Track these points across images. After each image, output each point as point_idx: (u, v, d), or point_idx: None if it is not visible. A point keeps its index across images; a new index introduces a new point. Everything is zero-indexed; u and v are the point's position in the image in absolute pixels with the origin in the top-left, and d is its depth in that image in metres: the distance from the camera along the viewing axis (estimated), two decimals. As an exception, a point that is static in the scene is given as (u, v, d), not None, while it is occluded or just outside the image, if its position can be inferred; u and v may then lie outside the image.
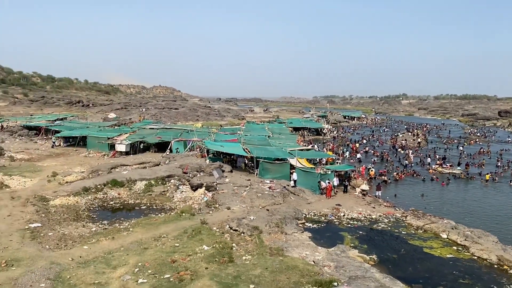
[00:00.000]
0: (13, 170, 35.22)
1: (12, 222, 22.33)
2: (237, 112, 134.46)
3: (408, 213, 27.88)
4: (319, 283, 15.96)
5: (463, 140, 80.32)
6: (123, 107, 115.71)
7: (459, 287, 17.41)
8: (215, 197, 28.90)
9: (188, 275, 16.11)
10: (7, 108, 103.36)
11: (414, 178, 43.23)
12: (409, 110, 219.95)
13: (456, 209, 32.19)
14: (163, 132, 55.93)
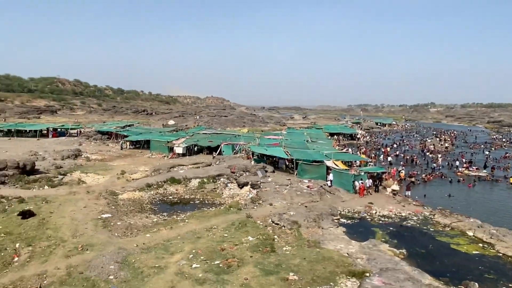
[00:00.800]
0: (89, 168, 36.86)
1: (87, 212, 23.31)
2: (279, 119, 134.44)
3: (436, 212, 26.84)
4: (353, 273, 15.71)
5: (489, 145, 76.61)
6: (181, 115, 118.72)
7: (485, 281, 16.52)
8: (259, 194, 28.99)
9: (235, 262, 16.26)
10: (84, 116, 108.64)
11: (442, 180, 41.57)
12: (437, 117, 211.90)
13: (481, 209, 30.69)
14: (214, 137, 56.76)
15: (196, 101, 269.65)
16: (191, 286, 14.15)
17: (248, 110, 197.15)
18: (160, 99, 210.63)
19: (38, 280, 14.42)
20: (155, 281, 14.50)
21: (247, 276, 15.07)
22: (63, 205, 24.35)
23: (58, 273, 15.17)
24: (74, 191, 28.20)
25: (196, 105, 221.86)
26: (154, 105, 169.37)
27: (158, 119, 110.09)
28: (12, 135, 62.03)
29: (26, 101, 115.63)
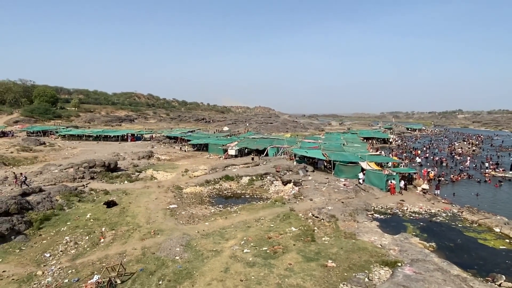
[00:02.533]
0: (159, 167, 38.33)
1: (158, 203, 24.24)
2: (318, 125, 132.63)
3: (464, 209, 25.19)
4: (386, 263, 15.16)
5: (516, 148, 70.82)
6: (233, 122, 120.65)
7: (511, 274, 15.30)
8: (301, 190, 28.69)
9: (280, 249, 16.23)
10: (155, 124, 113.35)
11: (470, 180, 38.94)
12: (464, 123, 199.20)
13: (508, 207, 28.38)
14: (261, 141, 56.97)
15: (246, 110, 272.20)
16: (242, 268, 14.28)
17: (290, 117, 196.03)
18: (216, 109, 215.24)
19: (119, 258, 15.21)
20: (213, 262, 14.79)
21: (291, 261, 14.98)
22: (139, 197, 25.53)
23: (135, 253, 15.92)
24: (147, 185, 29.47)
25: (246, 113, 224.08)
26: (211, 114, 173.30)
27: (215, 126, 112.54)
28: (99, 139, 66.04)
29: (110, 112, 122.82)
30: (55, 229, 18.86)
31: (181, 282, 13.17)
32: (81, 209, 22.33)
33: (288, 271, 14.02)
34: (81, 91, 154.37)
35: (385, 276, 14.01)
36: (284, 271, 14.06)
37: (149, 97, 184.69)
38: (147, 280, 13.41)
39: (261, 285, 12.87)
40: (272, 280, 13.27)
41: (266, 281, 13.15)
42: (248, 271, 13.95)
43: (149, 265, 14.67)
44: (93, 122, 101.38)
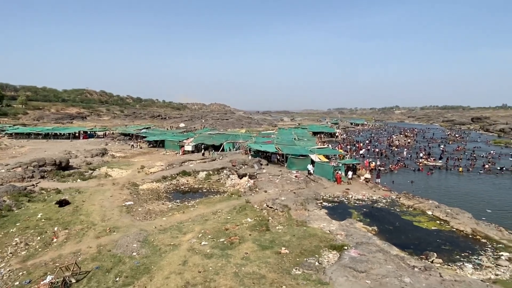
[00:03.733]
0: (114, 164, 36.66)
1: (113, 201, 23.22)
2: (271, 121, 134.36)
3: (401, 195, 26.94)
4: (334, 247, 15.78)
5: (444, 140, 76.99)
6: (189, 119, 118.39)
7: (442, 252, 16.65)
8: (256, 183, 28.96)
9: (237, 239, 16.28)
10: (109, 121, 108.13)
11: (406, 169, 41.75)
12: (401, 118, 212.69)
13: (438, 192, 30.87)
14: (217, 137, 56.60)
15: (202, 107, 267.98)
16: (200, 260, 14.15)
17: (245, 114, 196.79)
18: (172, 106, 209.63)
19: (74, 257, 14.37)
20: (171, 256, 14.49)
21: (247, 250, 15.09)
22: (93, 195, 24.26)
23: (90, 251, 15.14)
24: (102, 183, 28.08)
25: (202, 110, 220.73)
26: (167, 111, 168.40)
27: (171, 123, 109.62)
28: (49, 138, 61.61)
29: (61, 109, 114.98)
30: (4, 231, 17.37)
31: (139, 277, 12.76)
32: (31, 209, 20.75)
33: (245, 260, 14.13)
34: (28, 87, 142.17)
35: (333, 259, 14.61)
36: (240, 260, 14.14)
37: (101, 94, 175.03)
38: (104, 277, 12.82)
39: (219, 275, 12.85)
40: (229, 269, 13.30)
41: (223, 271, 13.14)
42: (206, 263, 13.85)
43: (105, 262, 14.02)
44: (42, 120, 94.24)
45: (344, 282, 12.48)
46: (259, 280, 12.46)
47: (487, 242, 18.08)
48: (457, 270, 14.73)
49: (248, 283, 12.23)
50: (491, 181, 36.02)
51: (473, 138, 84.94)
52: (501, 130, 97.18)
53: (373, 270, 13.44)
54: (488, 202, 27.86)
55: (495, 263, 15.44)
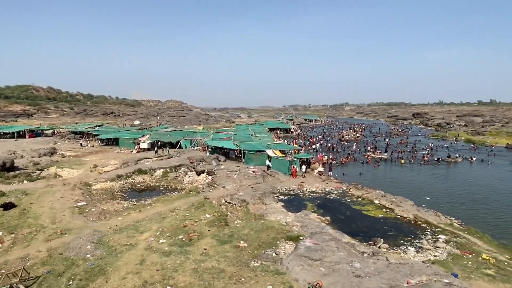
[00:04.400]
0: (64, 164, 34.43)
1: (64, 202, 21.85)
2: (229, 118, 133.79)
3: (351, 186, 28.21)
4: (290, 238, 16.14)
5: (389, 134, 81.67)
6: (145, 116, 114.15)
7: (388, 237, 17.71)
8: (214, 179, 28.77)
9: (195, 236, 16.08)
10: (58, 118, 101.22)
11: (355, 162, 43.77)
12: (350, 114, 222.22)
13: (384, 182, 32.75)
14: (174, 134, 55.33)
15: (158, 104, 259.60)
16: (158, 258, 13.80)
17: (202, 110, 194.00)
18: (126, 103, 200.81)
19: (22, 262, 13.32)
20: (128, 256, 13.97)
21: (206, 246, 14.97)
22: (41, 197, 22.61)
23: (40, 255, 14.12)
24: (51, 184, 26.26)
25: (158, 107, 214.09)
26: (121, 108, 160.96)
27: (125, 120, 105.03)
28: (-10, 137, 56.32)
29: (3, 107, 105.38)
30: None
31: (94, 279, 12.16)
32: (-31, 215, 18.87)
33: (204, 256, 14.01)
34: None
35: (289, 250, 14.97)
36: (200, 256, 14.00)
37: (49, 90, 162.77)
38: (55, 282, 12.05)
39: (178, 272, 12.63)
40: (189, 266, 13.13)
41: (182, 268, 12.94)
42: (164, 261, 13.53)
43: (56, 266, 13.17)
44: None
45: (300, 270, 12.85)
46: (218, 274, 12.44)
47: (427, 226, 19.56)
48: (401, 253, 15.77)
49: (207, 278, 12.16)
50: (430, 171, 38.95)
51: (414, 132, 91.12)
52: (438, 124, 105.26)
53: (327, 258, 13.99)
54: (427, 190, 30.12)
55: (434, 246, 16.75)
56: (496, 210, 24.82)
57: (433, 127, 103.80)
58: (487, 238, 18.42)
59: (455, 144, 63.05)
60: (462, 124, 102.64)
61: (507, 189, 30.89)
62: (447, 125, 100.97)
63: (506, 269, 14.19)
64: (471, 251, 15.94)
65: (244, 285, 11.82)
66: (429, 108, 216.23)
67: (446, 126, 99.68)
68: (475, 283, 12.58)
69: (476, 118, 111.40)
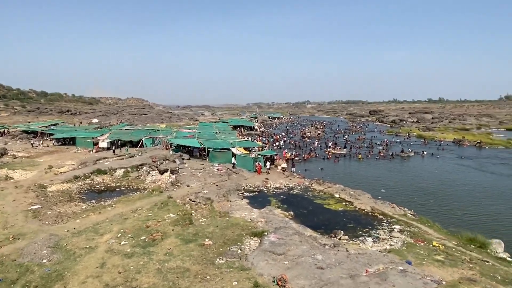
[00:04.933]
0: (16, 165, 32.08)
1: (16, 205, 20.42)
2: (192, 116, 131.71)
3: (313, 182, 28.91)
4: (255, 234, 16.25)
5: (348, 131, 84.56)
6: (104, 114, 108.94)
7: (347, 229, 18.36)
8: (178, 178, 28.20)
9: (159, 236, 15.70)
10: (9, 117, 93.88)
11: (317, 158, 44.90)
12: (312, 111, 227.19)
13: (343, 177, 33.91)
14: (135, 132, 53.50)
15: (117, 101, 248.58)
16: (120, 260, 13.33)
17: (165, 108, 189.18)
18: (83, 100, 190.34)
19: (-34, 273, 12.28)
20: (87, 260, 13.35)
21: (170, 246, 14.69)
22: (-11, 201, 20.94)
23: (-12, 264, 13.09)
24: (1, 187, 24.39)
25: (118, 105, 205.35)
26: (78, 106, 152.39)
27: (82, 118, 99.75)
28: None
29: None
30: None
31: (51, 285, 11.49)
32: None
33: (168, 256, 13.73)
34: None
35: (254, 245, 15.08)
36: (163, 256, 13.71)
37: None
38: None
39: (141, 273, 12.28)
40: (152, 266, 12.80)
41: (146, 269, 12.60)
42: (126, 263, 13.09)
43: (9, 274, 12.28)
44: None
45: (264, 265, 13.00)
46: (183, 274, 12.26)
47: (383, 217, 20.55)
48: (360, 244, 16.44)
49: (171, 278, 11.94)
50: (385, 166, 40.93)
51: (371, 128, 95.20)
52: (393, 121, 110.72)
53: (290, 251, 14.27)
54: (383, 183, 31.64)
55: (390, 235, 17.65)
56: (444, 200, 26.63)
57: (388, 124, 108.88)
58: (437, 226, 19.75)
59: (408, 140, 66.70)
60: (414, 120, 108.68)
61: (454, 180, 33.23)
62: (401, 122, 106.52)
63: (454, 254, 15.30)
64: (423, 239, 16.99)
65: (209, 283, 11.75)
66: (384, 105, 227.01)
67: (399, 123, 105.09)
68: (427, 268, 13.42)
69: (427, 115, 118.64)
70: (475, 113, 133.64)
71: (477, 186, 31.05)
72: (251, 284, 11.55)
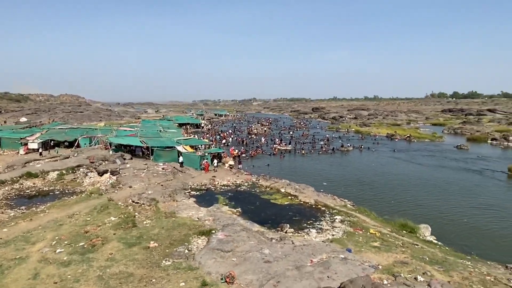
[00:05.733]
0: None
1: None
2: (134, 113, 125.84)
3: (260, 178, 29.39)
4: (202, 233, 16.07)
5: (292, 128, 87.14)
6: (34, 112, 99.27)
7: (293, 222, 18.95)
8: (119, 179, 26.76)
9: (99, 241, 14.79)
10: None
11: (264, 155, 45.65)
12: (258, 109, 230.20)
13: (289, 172, 34.95)
14: (70, 131, 49.60)
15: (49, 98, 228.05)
16: (56, 269, 12.31)
17: (104, 106, 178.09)
18: (9, 97, 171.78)
19: None
20: (17, 271, 12.11)
21: (112, 251, 13.91)
22: None
23: None
24: None
25: (49, 102, 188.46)
26: (2, 104, 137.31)
27: (9, 117, 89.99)
28: None
29: None
30: None
31: (-29, 305, 10.26)
32: None
33: (110, 261, 12.99)
34: None
35: (202, 244, 14.90)
36: (105, 262, 12.94)
37: None
38: None
39: (80, 282, 11.46)
40: (92, 274, 12.02)
41: (85, 277, 11.79)
42: (63, 272, 12.13)
43: None
44: None
45: (212, 263, 12.92)
46: (127, 279, 11.70)
47: (326, 209, 21.58)
48: (304, 236, 17.08)
49: (114, 284, 11.32)
50: (327, 160, 43.00)
51: (314, 125, 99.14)
52: (333, 118, 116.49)
53: (238, 248, 14.35)
54: (325, 176, 33.22)
55: (332, 226, 18.58)
56: (380, 190, 28.76)
57: (329, 120, 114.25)
58: (374, 215, 21.26)
59: (347, 135, 70.73)
60: (352, 117, 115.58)
61: (387, 172, 36.02)
62: (340, 118, 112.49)
63: (388, 240, 16.59)
64: (361, 228, 18.18)
65: (155, 286, 11.36)
66: (326, 103, 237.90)
67: (339, 119, 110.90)
68: (365, 255, 14.38)
69: (363, 112, 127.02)
70: (405, 109, 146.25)
71: (408, 177, 34.03)
72: (199, 283, 11.41)
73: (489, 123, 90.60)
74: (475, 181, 32.47)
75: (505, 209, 24.21)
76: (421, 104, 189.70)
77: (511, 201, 26.43)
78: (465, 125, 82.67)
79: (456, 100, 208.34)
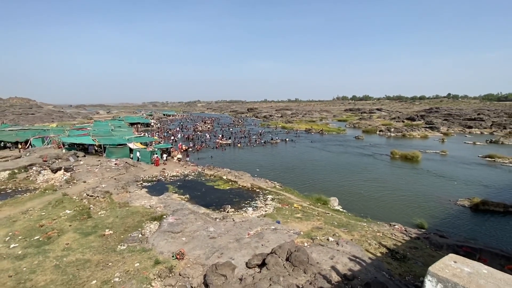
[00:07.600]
0: None
1: None
2: (86, 115, 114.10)
3: (205, 168, 29.08)
4: (154, 218, 15.49)
5: (232, 125, 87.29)
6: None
7: (234, 203, 19.22)
8: (73, 175, 24.27)
9: (55, 233, 13.39)
10: None
11: (208, 148, 45.04)
12: (202, 109, 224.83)
13: (229, 162, 35.07)
14: (21, 133, 43.29)
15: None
16: (10, 263, 10.84)
17: (56, 108, 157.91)
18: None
19: None
20: (-34, 272, 10.39)
21: (68, 241, 12.69)
22: None
23: None
24: None
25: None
26: None
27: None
28: None
29: None
30: None
31: None
32: None
33: (66, 251, 11.84)
34: None
35: (154, 228, 14.35)
36: (61, 252, 11.76)
37: None
38: None
39: (36, 272, 10.27)
40: (49, 264, 10.85)
41: (41, 267, 10.59)
42: (18, 265, 10.74)
43: None
44: None
45: (164, 244, 12.55)
46: (84, 265, 10.80)
47: (260, 191, 22.24)
48: (243, 213, 17.44)
49: (71, 271, 10.37)
50: (260, 151, 44.05)
51: (249, 122, 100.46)
52: (264, 116, 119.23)
53: (187, 228, 14.14)
54: (258, 164, 34.04)
55: (265, 204, 19.26)
56: (300, 173, 30.44)
57: (261, 118, 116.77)
58: (296, 193, 22.51)
59: (275, 130, 73.11)
60: (279, 116, 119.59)
61: (306, 158, 38.23)
62: (270, 117, 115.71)
63: (307, 211, 17.76)
64: (287, 203, 19.16)
65: (111, 268, 10.68)
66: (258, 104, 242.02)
67: (269, 117, 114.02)
68: (290, 224, 15.24)
69: (288, 111, 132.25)
70: (319, 109, 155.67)
71: (321, 161, 36.54)
72: (152, 262, 11.02)
73: (377, 119, 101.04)
74: (368, 162, 36.17)
75: (388, 181, 27.50)
76: (330, 105, 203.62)
77: (393, 175, 30.06)
78: (361, 121, 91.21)
79: (354, 101, 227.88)
